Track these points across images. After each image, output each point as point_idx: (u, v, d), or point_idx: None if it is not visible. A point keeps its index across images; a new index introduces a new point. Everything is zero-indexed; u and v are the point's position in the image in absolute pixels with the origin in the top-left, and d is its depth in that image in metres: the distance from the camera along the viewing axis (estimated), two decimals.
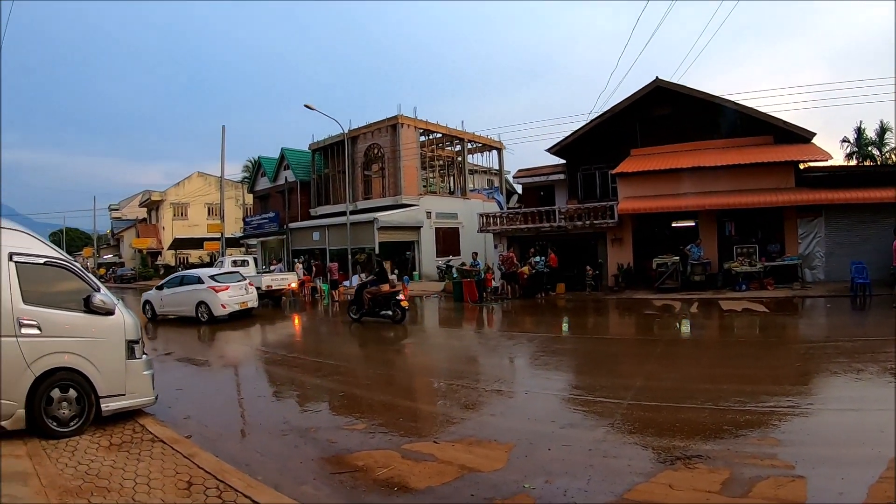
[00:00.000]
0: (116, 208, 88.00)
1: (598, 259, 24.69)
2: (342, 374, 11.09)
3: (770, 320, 15.32)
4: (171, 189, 67.44)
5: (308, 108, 31.40)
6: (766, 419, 6.72)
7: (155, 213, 69.84)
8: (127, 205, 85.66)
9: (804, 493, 4.77)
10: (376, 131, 37.41)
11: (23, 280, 6.59)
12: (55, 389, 6.65)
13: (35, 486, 5.17)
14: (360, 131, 38.20)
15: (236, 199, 60.48)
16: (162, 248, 65.38)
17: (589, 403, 8.03)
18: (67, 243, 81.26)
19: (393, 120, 36.01)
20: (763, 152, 22.42)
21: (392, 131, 36.20)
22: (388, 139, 36.65)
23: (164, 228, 65.95)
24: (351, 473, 5.77)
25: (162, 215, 66.69)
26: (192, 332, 18.11)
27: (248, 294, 20.84)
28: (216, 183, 52.49)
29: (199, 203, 65.52)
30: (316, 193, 42.86)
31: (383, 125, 36.84)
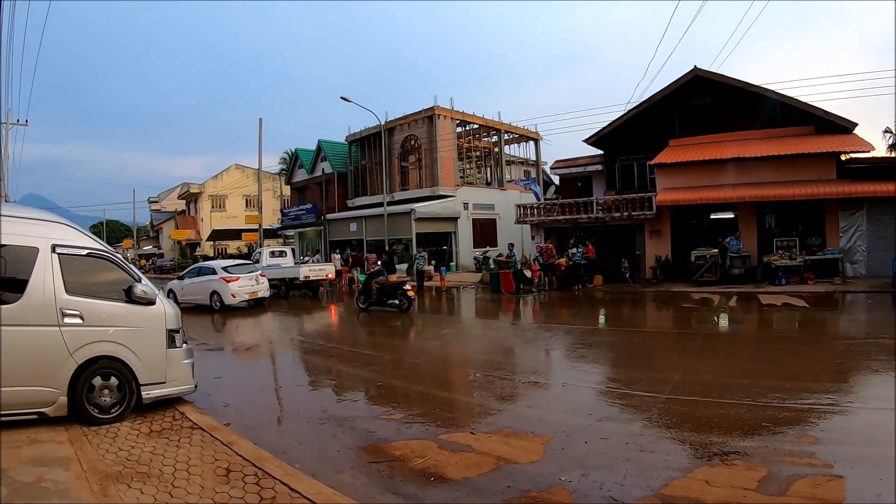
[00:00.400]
0: (156, 200, 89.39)
1: (636, 251, 24.57)
2: (379, 364, 11.21)
3: (810, 315, 15.11)
4: (209, 181, 68.15)
5: (344, 101, 31.52)
6: (805, 417, 6.66)
7: (193, 205, 70.65)
8: (166, 197, 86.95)
9: (842, 493, 4.73)
10: (413, 122, 37.39)
11: (66, 271, 6.72)
12: (97, 377, 6.81)
13: (76, 471, 5.27)
14: (397, 123, 38.18)
15: (274, 190, 60.99)
16: (200, 239, 66.12)
17: (626, 397, 8.03)
18: (107, 235, 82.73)
19: (429, 111, 35.93)
20: (803, 143, 22.02)
21: (428, 122, 36.15)
22: (424, 130, 36.60)
23: (202, 220, 66.71)
24: (388, 463, 5.84)
25: (200, 207, 67.44)
26: (230, 321, 18.47)
27: (258, 284, 21.75)
28: (254, 175, 53.01)
29: (236, 195, 66.13)
30: (353, 185, 42.98)
31: (420, 116, 36.78)
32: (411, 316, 17.66)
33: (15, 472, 5.15)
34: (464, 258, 35.57)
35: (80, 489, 4.90)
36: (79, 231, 7.24)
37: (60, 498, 4.72)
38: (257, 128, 36.34)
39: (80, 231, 7.27)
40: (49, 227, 6.89)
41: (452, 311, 20.10)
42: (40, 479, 5.03)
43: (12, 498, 4.63)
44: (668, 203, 23.00)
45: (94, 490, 4.88)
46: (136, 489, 4.94)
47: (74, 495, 4.78)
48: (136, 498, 4.78)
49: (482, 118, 38.61)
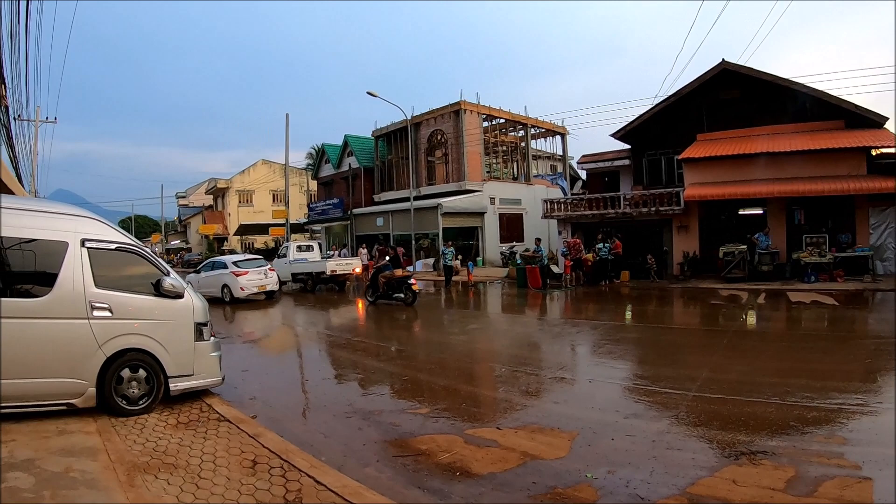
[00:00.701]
0: (183, 196, 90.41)
1: (664, 247, 24.46)
2: (405, 359, 11.32)
3: (839, 314, 14.94)
4: (236, 176, 68.82)
5: (371, 96, 31.65)
6: (834, 417, 6.58)
7: (221, 200, 71.38)
8: (193, 192, 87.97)
9: (870, 495, 4.68)
10: (439, 117, 37.48)
11: (95, 265, 6.84)
12: (125, 369, 6.93)
13: (104, 462, 5.36)
14: (423, 117, 38.29)
15: (300, 185, 61.38)
16: (228, 233, 66.76)
17: (653, 394, 7.97)
18: (136, 230, 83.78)
19: (455, 106, 35.98)
20: (833, 137, 21.69)
21: (455, 117, 36.21)
22: (450, 125, 36.66)
23: (229, 215, 67.34)
24: (413, 457, 5.88)
25: (228, 202, 68.10)
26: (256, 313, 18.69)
27: (267, 278, 22.60)
28: (280, 170, 53.38)
29: (263, 190, 66.70)
30: (379, 179, 43.13)
31: (446, 111, 36.86)
32: (438, 310, 17.77)
33: (44, 461, 5.26)
34: (490, 253, 35.62)
35: (107, 479, 4.99)
36: (107, 225, 7.35)
37: (88, 488, 4.81)
38: (284, 123, 36.66)
39: (109, 225, 7.38)
40: (78, 221, 7.01)
41: (479, 306, 20.18)
42: (68, 469, 5.13)
43: (41, 487, 4.72)
44: (697, 198, 22.84)
45: (121, 480, 4.97)
46: (163, 480, 5.04)
47: (102, 485, 4.86)
48: (162, 488, 4.88)
49: (508, 112, 38.56)
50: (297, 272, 26.92)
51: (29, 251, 6.60)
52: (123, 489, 4.80)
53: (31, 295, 6.50)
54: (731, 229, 23.18)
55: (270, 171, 66.47)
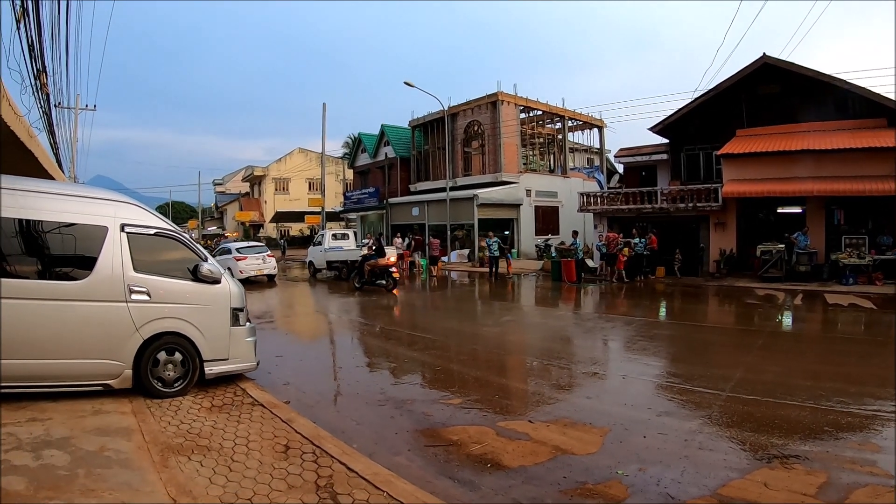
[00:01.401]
0: (220, 183, 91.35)
1: (700, 243, 24.30)
2: (438, 349, 11.34)
3: (877, 318, 14.67)
4: (273, 164, 69.51)
5: (408, 86, 31.80)
6: (869, 423, 6.57)
7: (257, 188, 72.12)
8: (230, 179, 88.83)
9: None
10: (476, 108, 37.42)
11: (134, 249, 6.97)
12: (161, 352, 7.09)
13: (138, 442, 5.50)
14: (460, 108, 38.27)
15: (336, 174, 61.78)
16: (264, 220, 67.51)
17: (686, 392, 7.95)
18: (173, 216, 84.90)
19: (493, 97, 35.91)
20: (875, 136, 21.23)
21: (492, 108, 36.15)
22: (487, 116, 36.62)
23: (265, 202, 68.09)
24: (445, 447, 5.96)
25: (264, 189, 68.83)
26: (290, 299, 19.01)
27: (265, 263, 25.56)
28: (317, 159, 53.79)
29: (300, 178, 67.26)
30: (415, 169, 43.25)
31: (483, 102, 36.79)
32: (472, 301, 17.95)
33: (79, 440, 5.42)
34: (525, 245, 35.63)
35: (140, 459, 5.12)
36: (146, 211, 7.48)
37: (121, 467, 4.93)
38: (321, 112, 36.99)
39: (148, 211, 7.51)
40: (118, 206, 7.16)
41: (513, 298, 20.28)
42: (103, 448, 5.27)
43: (76, 465, 4.85)
44: (735, 195, 22.64)
45: (154, 461, 5.09)
46: (196, 462, 5.14)
47: (135, 465, 4.98)
48: (195, 470, 4.97)
49: (546, 104, 38.40)
50: (332, 260, 27.21)
51: (69, 235, 6.77)
52: (157, 469, 4.92)
53: (71, 278, 6.70)
54: (768, 228, 22.99)
55: (307, 159, 67.00)
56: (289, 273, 32.81)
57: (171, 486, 4.64)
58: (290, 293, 22.21)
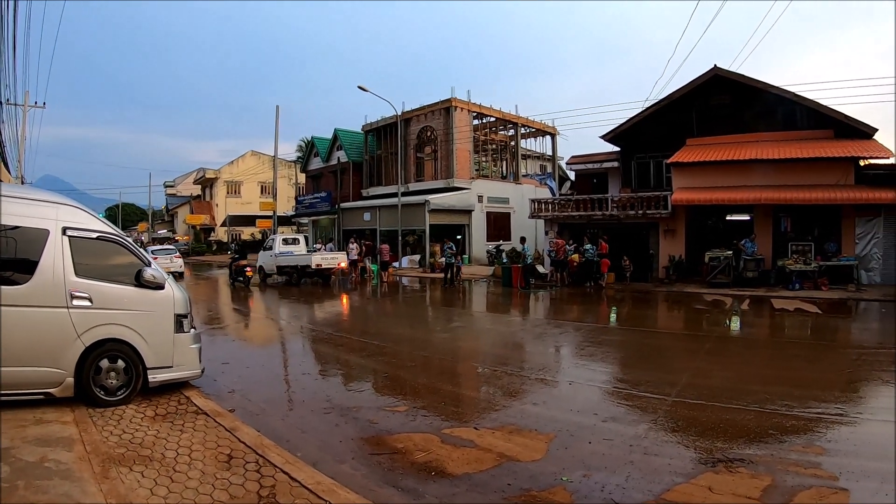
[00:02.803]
0: (171, 185, 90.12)
1: (650, 250, 24.45)
2: (386, 355, 11.18)
3: (822, 322, 14.95)
4: (225, 167, 68.67)
5: (362, 90, 31.57)
6: (813, 426, 6.58)
7: (209, 191, 71.24)
8: (182, 182, 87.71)
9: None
10: (429, 114, 37.37)
11: (76, 253, 6.79)
12: (104, 359, 6.87)
13: (79, 452, 5.33)
14: (413, 114, 38.18)
15: (289, 178, 61.32)
16: (215, 224, 66.71)
17: (633, 398, 7.97)
18: (123, 218, 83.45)
19: (446, 103, 35.86)
20: (822, 147, 21.73)
21: (445, 114, 36.09)
22: (441, 122, 36.55)
23: (217, 205, 67.24)
24: (389, 455, 5.86)
25: (216, 192, 67.93)
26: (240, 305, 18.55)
27: (172, 263, 29.13)
28: (269, 162, 53.24)
29: (252, 181, 66.50)
30: (368, 174, 42.99)
31: (436, 108, 36.74)
32: (422, 307, 17.82)
33: (19, 450, 5.23)
34: (477, 251, 35.63)
35: (81, 470, 4.95)
36: (89, 214, 7.29)
37: (62, 478, 4.76)
38: (275, 115, 36.51)
39: (91, 214, 7.32)
40: (60, 209, 6.95)
41: (463, 304, 20.14)
42: (43, 459, 5.10)
43: (15, 476, 4.68)
44: (684, 203, 22.81)
45: (95, 472, 4.93)
46: (137, 472, 5.00)
47: (76, 476, 4.82)
48: (136, 481, 4.84)
49: (499, 111, 38.54)
50: (282, 265, 26.79)
51: (10, 238, 6.52)
52: (97, 481, 4.78)
53: (12, 282, 6.43)
54: (717, 234, 23.30)
55: (259, 162, 66.27)
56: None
57: (112, 497, 4.56)
58: (239, 298, 21.75)
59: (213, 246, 62.20)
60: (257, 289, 25.13)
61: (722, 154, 23.09)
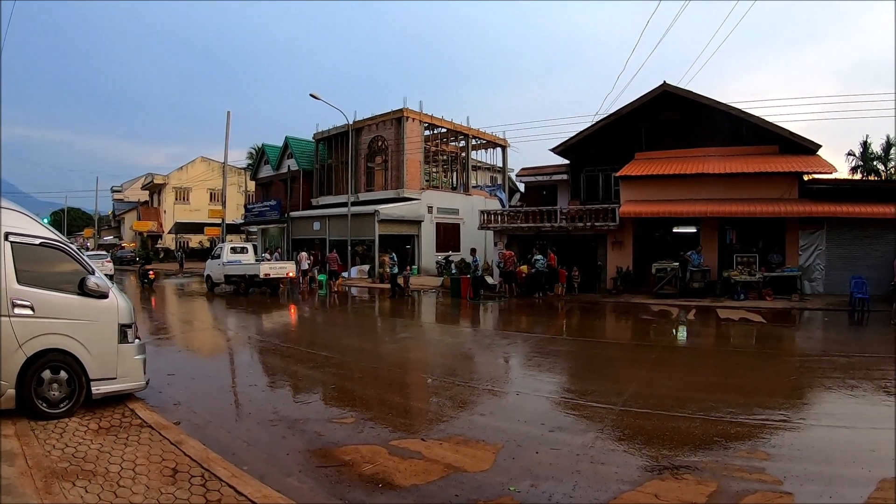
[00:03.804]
0: (119, 190, 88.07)
1: (598, 261, 24.62)
2: (334, 366, 11.05)
3: (766, 331, 15.22)
4: (174, 173, 67.41)
5: (313, 98, 31.27)
6: (757, 432, 6.68)
7: (157, 197, 69.86)
8: (129, 187, 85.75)
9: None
10: (381, 123, 37.27)
11: (18, 260, 6.59)
12: (46, 370, 6.64)
13: (21, 467, 5.17)
14: (365, 123, 38.04)
15: (239, 185, 60.52)
16: (163, 231, 65.50)
17: (580, 407, 8.01)
18: (68, 223, 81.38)
19: (398, 113, 35.82)
20: (768, 162, 22.26)
21: (397, 124, 36.04)
22: (392, 132, 36.48)
23: (165, 212, 66.02)
24: (337, 467, 5.76)
25: (164, 199, 66.66)
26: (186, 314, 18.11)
27: (103, 266, 29.12)
28: (219, 168, 52.50)
29: (201, 188, 65.47)
30: (318, 183, 42.72)
31: (388, 118, 36.66)
32: (371, 318, 17.62)
33: None
34: (426, 262, 35.55)
35: (23, 485, 4.85)
36: (33, 219, 7.10)
37: (4, 493, 4.67)
38: (225, 121, 35.94)
39: (34, 219, 7.14)
40: (2, 214, 6.73)
41: (412, 315, 19.98)
42: None
43: None
44: (632, 215, 23.08)
45: (37, 487, 4.84)
46: (81, 487, 4.89)
47: (17, 491, 4.73)
48: (80, 497, 4.72)
49: (451, 122, 38.64)
50: (230, 274, 26.32)
51: None
52: (40, 496, 4.70)
53: None
54: (664, 246, 23.58)
55: (209, 168, 65.27)
56: (186, 287, 31.48)
57: None
58: (186, 308, 21.30)
59: (161, 253, 60.89)
60: (204, 298, 24.59)
61: (670, 168, 23.46)
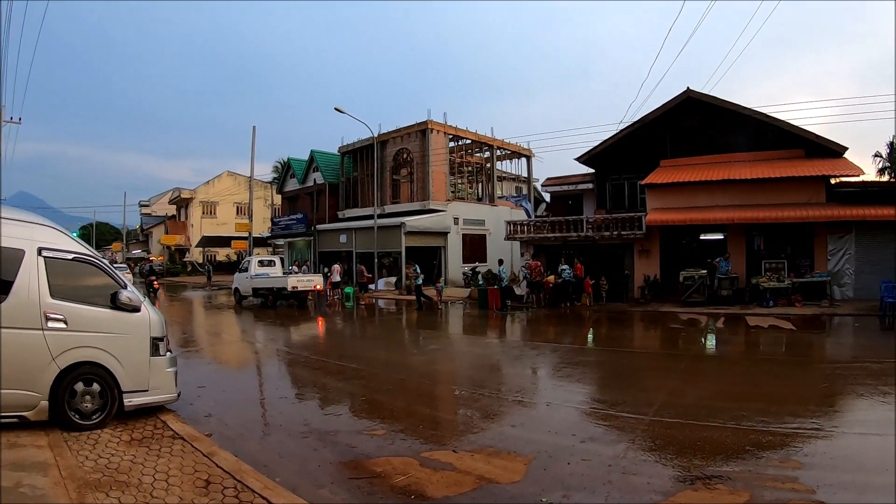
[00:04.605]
0: (147, 204, 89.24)
1: (625, 270, 24.56)
2: (363, 378, 11.10)
3: (797, 338, 15.10)
4: (200, 187, 68.21)
5: (338, 112, 31.51)
6: (789, 441, 6.60)
7: (184, 211, 70.71)
8: (157, 201, 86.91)
9: None
10: (406, 136, 37.47)
11: (51, 274, 6.70)
12: (79, 383, 6.76)
13: (54, 477, 5.22)
14: (390, 135, 38.26)
15: (265, 199, 61.03)
16: (190, 244, 66.19)
17: (610, 418, 7.96)
18: (97, 237, 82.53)
19: (423, 125, 35.98)
20: (794, 166, 22.12)
21: (421, 136, 36.21)
22: (417, 144, 36.65)
23: (192, 226, 66.78)
24: (369, 479, 5.77)
25: (191, 213, 67.47)
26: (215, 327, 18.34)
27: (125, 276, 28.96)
28: (245, 182, 53.01)
29: (227, 202, 66.13)
30: (344, 196, 42.97)
31: (413, 130, 36.86)
32: (399, 330, 17.85)
33: None
34: (453, 273, 35.53)
35: (57, 496, 4.85)
36: (65, 235, 7.19)
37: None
38: (251, 135, 36.38)
39: (67, 235, 7.23)
40: (36, 229, 6.87)
41: (440, 326, 20.04)
42: (18, 484, 4.98)
43: None
44: (658, 223, 23.03)
45: (71, 497, 4.83)
46: (114, 498, 4.89)
47: (51, 501, 4.73)
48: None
49: (475, 133, 38.70)
50: (258, 287, 26.60)
51: None
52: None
53: None
54: (691, 254, 23.43)
55: (235, 183, 65.95)
56: (214, 300, 31.88)
57: None
58: (214, 321, 21.57)
59: (189, 267, 61.57)
60: (232, 311, 24.88)
61: (695, 175, 23.36)
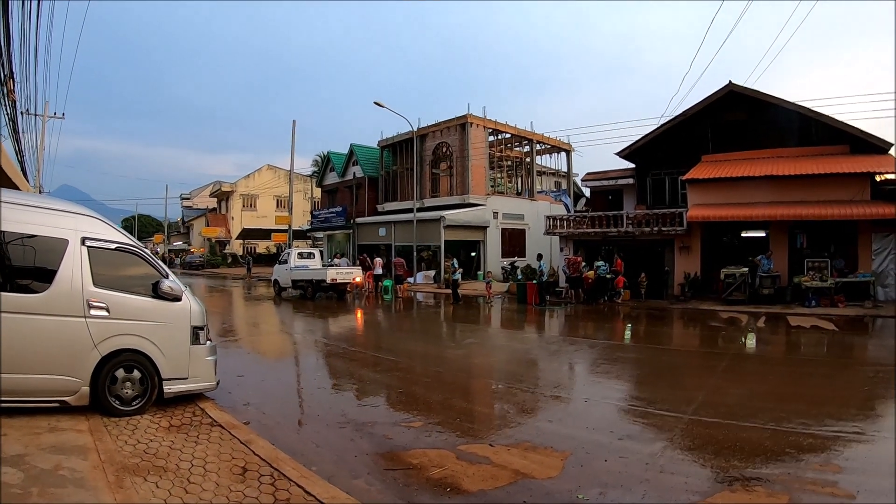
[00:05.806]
0: (188, 197, 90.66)
1: (665, 267, 24.38)
2: (401, 371, 11.20)
3: (839, 339, 14.86)
4: (241, 180, 68.99)
5: (378, 106, 31.67)
6: (830, 444, 6.53)
7: (225, 204, 71.55)
8: (198, 194, 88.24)
9: None
10: (445, 130, 37.48)
11: (94, 263, 6.87)
12: (120, 369, 6.94)
13: (93, 461, 5.35)
14: (429, 129, 38.30)
15: (304, 192, 61.54)
16: (230, 237, 66.97)
17: (648, 415, 7.91)
18: (139, 229, 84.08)
19: (462, 119, 35.96)
20: (838, 162, 21.71)
21: (461, 130, 36.20)
22: (456, 138, 36.66)
23: (233, 218, 67.53)
24: (404, 471, 5.82)
25: (231, 205, 68.24)
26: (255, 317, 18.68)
27: None
28: (285, 176, 53.59)
29: (267, 195, 66.86)
30: (383, 189, 43.18)
31: (452, 124, 36.85)
32: (437, 324, 18.00)
33: (33, 457, 5.25)
34: (491, 267, 35.48)
35: (95, 479, 4.97)
36: (108, 225, 7.36)
37: (76, 486, 4.79)
38: (291, 129, 36.79)
39: (110, 225, 7.40)
40: (79, 219, 7.05)
41: (478, 320, 20.11)
42: (58, 467, 5.12)
43: (29, 483, 4.71)
44: (699, 219, 22.80)
45: (109, 481, 4.94)
46: (152, 483, 5.02)
47: (90, 485, 4.84)
48: (150, 491, 4.85)
49: (514, 127, 38.57)
50: (297, 279, 26.96)
51: (30, 247, 6.60)
52: (111, 490, 4.77)
53: (30, 290, 6.51)
54: (732, 251, 23.19)
55: (275, 176, 66.69)
56: (254, 291, 32.35)
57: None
58: (254, 312, 21.92)
59: (228, 259, 62.46)
60: (272, 302, 25.27)
61: (737, 170, 23.06)
